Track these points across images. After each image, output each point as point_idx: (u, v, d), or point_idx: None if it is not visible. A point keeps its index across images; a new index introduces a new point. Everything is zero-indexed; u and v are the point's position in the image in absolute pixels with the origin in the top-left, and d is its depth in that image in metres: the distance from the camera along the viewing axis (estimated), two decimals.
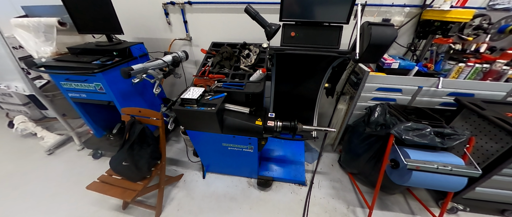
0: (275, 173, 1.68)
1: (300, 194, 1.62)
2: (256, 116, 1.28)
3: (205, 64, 1.49)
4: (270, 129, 1.22)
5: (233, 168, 1.70)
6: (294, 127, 1.25)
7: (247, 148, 1.34)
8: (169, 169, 1.87)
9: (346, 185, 1.72)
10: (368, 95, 1.61)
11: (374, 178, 1.57)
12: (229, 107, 1.27)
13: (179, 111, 1.14)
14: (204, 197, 1.60)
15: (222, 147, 1.38)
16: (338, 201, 1.58)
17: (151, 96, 1.96)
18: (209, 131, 1.26)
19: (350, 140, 1.70)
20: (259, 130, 1.20)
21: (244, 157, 1.45)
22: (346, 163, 1.78)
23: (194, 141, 1.39)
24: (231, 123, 1.21)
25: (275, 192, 1.64)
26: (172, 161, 1.96)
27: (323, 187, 1.69)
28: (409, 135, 1.18)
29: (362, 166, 1.60)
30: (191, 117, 1.17)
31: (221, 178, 1.76)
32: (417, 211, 1.53)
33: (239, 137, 1.25)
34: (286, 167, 1.72)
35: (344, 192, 1.65)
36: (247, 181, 1.73)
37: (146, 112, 1.35)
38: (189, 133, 1.32)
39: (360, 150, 1.59)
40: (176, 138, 2.28)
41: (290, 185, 1.70)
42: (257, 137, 1.23)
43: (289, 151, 1.83)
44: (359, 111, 1.71)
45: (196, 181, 1.74)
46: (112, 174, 1.33)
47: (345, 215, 1.49)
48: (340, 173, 1.83)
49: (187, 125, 1.25)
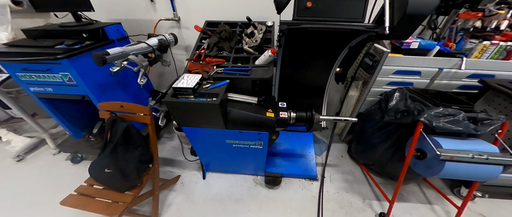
0: (284, 169, 1.52)
1: (312, 190, 1.49)
2: (265, 106, 1.08)
3: (199, 47, 1.24)
4: (283, 121, 1.04)
5: (237, 166, 1.51)
6: (310, 118, 1.07)
7: (256, 145, 1.15)
8: (163, 171, 1.65)
9: (358, 177, 1.61)
10: (384, 79, 1.46)
11: (391, 169, 1.47)
12: (233, 98, 1.05)
13: (171, 103, 0.91)
14: (206, 200, 1.42)
15: (226, 145, 1.18)
16: (352, 195, 1.47)
17: (136, 89, 1.68)
18: (209, 127, 1.05)
19: (363, 129, 1.57)
20: (271, 123, 1.00)
21: (251, 154, 1.26)
22: (358, 154, 1.66)
23: (192, 139, 1.18)
24: (237, 116, 1.00)
25: (285, 189, 1.49)
26: (166, 161, 1.74)
27: (335, 181, 1.57)
28: (440, 121, 1.05)
29: (378, 156, 1.48)
30: (187, 111, 0.94)
31: (224, 177, 1.58)
32: (433, 200, 1.46)
33: (246, 132, 1.05)
34: (295, 162, 1.57)
35: (358, 184, 1.54)
36: (253, 179, 1.57)
37: (130, 106, 1.10)
38: (185, 130, 1.10)
39: (375, 140, 1.46)
40: (169, 134, 2.04)
41: (300, 180, 1.56)
42: (269, 131, 1.04)
43: (297, 144, 1.67)
44: (373, 97, 1.56)
45: (196, 182, 1.55)
46: (94, 184, 1.10)
47: (362, 209, 1.38)
48: (351, 164, 1.72)
49: (182, 120, 1.03)
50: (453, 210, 1.37)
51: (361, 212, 1.36)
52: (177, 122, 1.02)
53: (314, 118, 1.05)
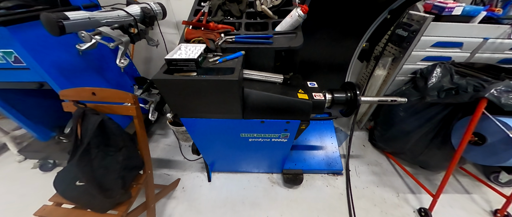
0: (305, 164, 1.29)
1: (338, 187, 1.28)
2: (292, 86, 0.81)
3: (197, 12, 0.92)
4: (319, 105, 0.78)
5: (249, 164, 1.26)
6: (352, 99, 0.82)
7: (280, 137, 0.89)
8: (158, 174, 1.36)
9: (386, 168, 1.42)
10: (420, 54, 1.23)
11: (427, 158, 1.28)
12: (251, 76, 0.77)
13: (165, 83, 0.62)
14: (216, 208, 1.16)
15: (240, 140, 0.91)
16: (384, 189, 1.28)
17: (117, 75, 1.34)
18: (220, 116, 0.77)
19: (392, 114, 1.36)
20: (306, 107, 0.74)
21: (271, 150, 1.01)
22: (384, 142, 1.45)
23: (195, 134, 0.89)
24: (259, 100, 0.73)
25: (307, 188, 1.27)
26: (162, 163, 1.45)
27: (362, 174, 1.37)
28: (510, 98, 0.84)
29: (411, 144, 1.28)
30: (189, 94, 0.65)
31: (233, 178, 1.32)
32: (471, 189, 1.30)
33: (271, 121, 0.79)
34: (317, 155, 1.34)
35: (388, 177, 1.35)
36: (268, 177, 1.33)
37: (106, 93, 0.79)
38: (185, 123, 0.81)
39: (409, 125, 1.26)
40: (163, 130, 1.74)
41: (323, 176, 1.34)
42: (301, 119, 0.78)
43: (316, 134, 1.44)
44: (403, 76, 1.34)
45: (200, 186, 1.29)
46: (62, 202, 0.80)
47: (398, 205, 1.19)
48: (376, 154, 1.52)
49: (182, 108, 0.73)
50: (494, 198, 1.23)
51: (398, 209, 1.17)
52: (174, 111, 0.73)
53: (358, 99, 0.80)
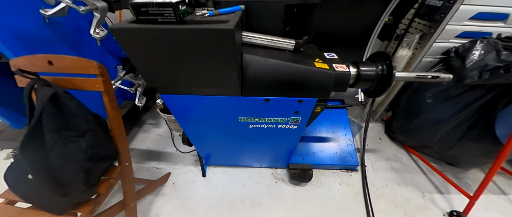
0: (314, 158, 1.11)
1: (353, 184, 1.10)
2: (307, 55, 0.62)
3: None
4: (342, 79, 0.59)
5: (251, 157, 1.08)
6: (384, 74, 0.63)
7: (289, 123, 0.70)
8: (146, 168, 1.20)
9: (407, 163, 1.23)
10: (456, 28, 1.02)
11: (459, 152, 1.09)
12: (250, 39, 0.58)
13: (129, 33, 0.43)
14: (210, 207, 1.00)
15: (238, 126, 0.73)
16: (406, 188, 1.10)
17: (98, 52, 1.16)
18: (210, 92, 0.59)
19: (416, 101, 1.16)
20: (326, 80, 0.55)
21: (277, 140, 0.83)
22: (405, 134, 1.26)
23: (180, 117, 0.71)
24: (263, 70, 0.54)
25: (317, 185, 1.09)
26: (151, 155, 1.28)
27: (379, 170, 1.18)
28: None
29: (440, 136, 1.09)
30: (164, 53, 0.45)
31: (231, 172, 1.16)
32: (508, 189, 1.12)
33: (278, 100, 0.60)
34: (328, 148, 1.16)
35: (409, 173, 1.17)
36: (272, 173, 1.16)
37: (65, 61, 0.61)
38: (167, 101, 0.63)
39: (439, 114, 1.07)
40: (154, 120, 1.57)
41: (335, 172, 1.16)
42: (319, 96, 0.60)
43: (328, 124, 1.25)
44: (431, 57, 1.14)
45: (193, 181, 1.12)
46: (15, 199, 0.64)
47: (424, 207, 1.02)
48: (394, 147, 1.34)
49: (156, 77, 0.53)
50: None
51: (424, 211, 1.00)
52: (149, 83, 0.55)
53: (393, 75, 0.61)
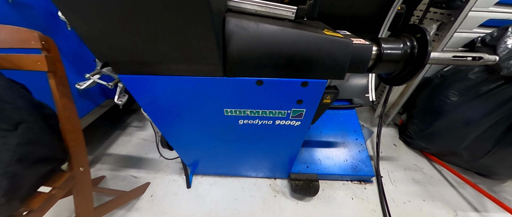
0: (321, 167, 0.93)
1: (369, 199, 0.91)
2: (313, 27, 0.47)
3: None
4: (362, 55, 0.44)
5: (243, 165, 0.90)
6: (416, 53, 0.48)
7: (291, 117, 0.54)
8: (122, 176, 1.02)
9: (431, 174, 1.05)
10: (481, 15, 0.90)
11: (494, 160, 0.91)
12: (239, 4, 0.44)
13: None
14: None
15: (224, 120, 0.57)
16: (433, 204, 0.90)
17: (74, 43, 1.03)
18: (183, 71, 0.44)
19: (437, 100, 1.01)
20: (341, 51, 0.40)
21: (276, 141, 0.66)
22: (426, 139, 1.09)
23: (149, 108, 0.55)
24: (253, 39, 0.39)
25: (325, 200, 0.90)
26: (131, 161, 1.11)
27: (399, 182, 1.00)
28: None
29: (470, 141, 0.92)
30: (111, 5, 0.31)
31: (222, 183, 0.97)
32: None
33: (276, 83, 0.45)
34: (337, 155, 0.98)
35: (435, 187, 0.98)
36: (270, 184, 0.97)
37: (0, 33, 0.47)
38: (127, 83, 0.47)
39: (467, 114, 0.91)
40: (141, 122, 1.41)
41: (346, 184, 0.97)
42: (330, 77, 0.44)
43: (335, 127, 1.08)
44: (452, 49, 1.00)
45: (175, 193, 0.93)
46: None
47: None
48: (413, 155, 1.15)
49: (107, 45, 0.38)
50: None
51: None
52: (96, 53, 0.39)
53: (428, 52, 0.46)
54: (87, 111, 1.13)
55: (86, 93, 1.12)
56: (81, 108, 1.09)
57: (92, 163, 1.10)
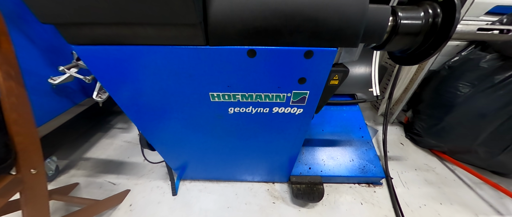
0: (325, 168, 0.83)
1: (380, 204, 0.80)
2: None
3: None
4: (379, 21, 0.35)
5: (236, 166, 0.79)
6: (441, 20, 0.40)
7: (291, 103, 0.45)
8: (99, 183, 0.89)
9: (444, 174, 0.95)
10: (487, 1, 0.85)
11: None
12: None
13: None
14: None
15: (211, 108, 0.47)
16: (452, 207, 0.80)
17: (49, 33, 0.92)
18: (153, 38, 0.34)
19: (446, 92, 0.93)
20: (355, 12, 0.32)
21: (274, 134, 0.56)
22: (436, 136, 1.00)
23: (116, 91, 0.45)
24: None
25: (330, 206, 0.79)
26: (110, 166, 0.98)
27: (411, 184, 0.90)
28: None
29: (485, 136, 0.84)
30: None
31: (212, 189, 0.85)
32: None
33: (272, 52, 0.36)
34: (342, 154, 0.88)
35: (451, 188, 0.88)
36: (268, 189, 0.85)
37: None
38: (83, 56, 0.37)
39: (483, 106, 0.84)
40: (126, 124, 1.29)
41: (353, 187, 0.87)
42: (340, 44, 0.35)
43: (339, 124, 0.99)
44: (457, 39, 0.94)
45: (158, 202, 0.81)
46: None
47: None
48: (422, 154, 1.06)
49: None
50: None
51: None
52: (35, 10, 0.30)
53: (455, 19, 0.38)
54: (62, 110, 1.01)
55: (61, 89, 1.00)
56: (54, 106, 0.97)
57: (66, 168, 0.97)
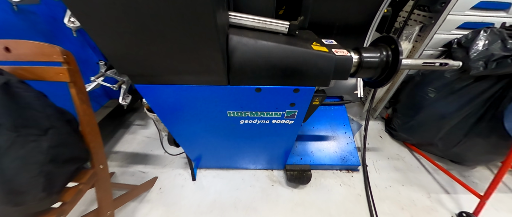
0: (313, 158, 1.04)
1: (355, 186, 1.03)
2: (304, 39, 0.55)
3: None
4: (343, 65, 0.52)
5: (243, 158, 1.00)
6: (390, 61, 0.56)
7: (284, 117, 0.63)
8: (131, 172, 1.10)
9: (410, 162, 1.17)
10: (457, 18, 0.98)
11: (465, 149, 1.03)
12: (239, 20, 0.51)
13: None
14: (200, 214, 0.91)
15: (227, 121, 0.65)
16: (411, 188, 1.03)
17: (77, 45, 1.07)
18: (192, 81, 0.51)
19: (418, 96, 1.11)
20: (325, 64, 0.48)
21: (272, 137, 0.75)
22: (407, 131, 1.20)
23: (161, 112, 0.62)
24: (252, 53, 0.47)
25: (316, 188, 1.01)
26: (137, 158, 1.19)
27: (382, 170, 1.12)
28: None
29: (444, 132, 1.04)
30: (127, 21, 0.36)
31: (224, 176, 1.07)
32: None
33: (271, 89, 0.53)
34: (327, 147, 1.09)
35: (414, 173, 1.11)
36: (268, 175, 1.07)
37: (24, 48, 0.52)
38: (143, 91, 0.54)
39: (442, 109, 1.01)
40: (143, 120, 1.47)
41: (335, 173, 1.09)
42: (317, 85, 0.52)
43: (326, 122, 1.18)
44: (433, 49, 1.09)
45: (182, 186, 1.03)
46: None
47: (431, 208, 0.95)
48: (396, 146, 1.28)
49: (125, 59, 0.45)
50: None
51: (432, 213, 0.93)
52: (119, 69, 0.46)
53: (399, 61, 0.54)
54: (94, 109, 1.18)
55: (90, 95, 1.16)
56: None
57: None
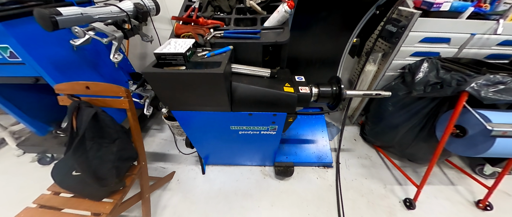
0: (296, 157, 1.33)
1: (328, 179, 1.32)
2: (280, 80, 0.84)
3: (188, 7, 0.94)
4: (304, 98, 0.81)
5: (242, 157, 1.30)
6: (337, 93, 0.85)
7: (268, 130, 0.92)
8: (154, 167, 1.40)
9: (376, 161, 1.46)
10: (409, 49, 1.25)
11: (414, 150, 1.33)
12: (238, 70, 0.80)
13: (154, 76, 0.65)
14: (209, 198, 1.21)
15: (230, 132, 0.94)
16: (372, 181, 1.33)
17: (112, 70, 1.36)
18: (209, 109, 0.80)
19: (381, 108, 1.39)
20: (291, 100, 0.77)
21: (261, 143, 1.05)
22: (374, 136, 1.49)
23: (186, 126, 0.92)
24: (246, 93, 0.76)
25: (298, 180, 1.31)
26: (157, 156, 1.49)
27: (351, 167, 1.41)
28: (489, 91, 0.87)
29: (399, 137, 1.32)
30: (177, 87, 0.68)
31: (227, 170, 1.37)
32: (456, 180, 1.35)
33: (258, 114, 0.82)
34: (308, 148, 1.38)
35: (376, 169, 1.40)
36: (261, 170, 1.37)
37: (99, 87, 0.82)
38: (176, 116, 0.84)
39: (397, 119, 1.30)
40: (159, 126, 1.77)
41: (314, 168, 1.38)
42: (287, 112, 0.82)
43: (308, 128, 1.47)
44: (393, 71, 1.37)
45: (194, 178, 1.33)
46: (60, 191, 0.84)
47: (384, 196, 1.24)
48: (366, 147, 1.57)
49: (172, 101, 0.77)
50: (477, 189, 1.28)
51: (384, 199, 1.22)
52: (165, 104, 0.76)
53: (342, 93, 0.83)
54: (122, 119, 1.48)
55: None
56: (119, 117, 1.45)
57: None
